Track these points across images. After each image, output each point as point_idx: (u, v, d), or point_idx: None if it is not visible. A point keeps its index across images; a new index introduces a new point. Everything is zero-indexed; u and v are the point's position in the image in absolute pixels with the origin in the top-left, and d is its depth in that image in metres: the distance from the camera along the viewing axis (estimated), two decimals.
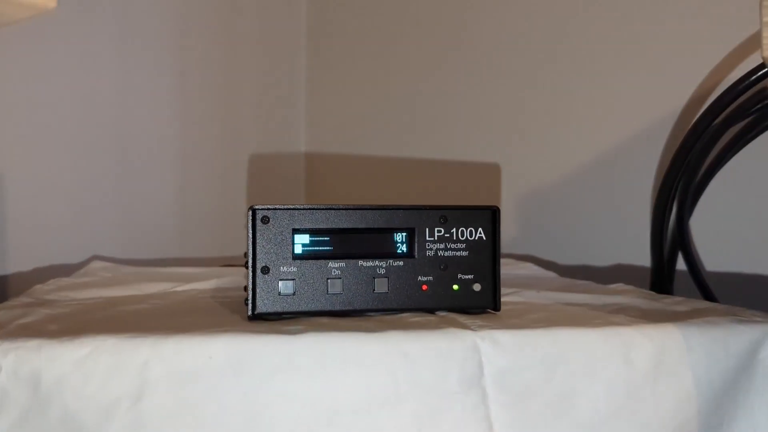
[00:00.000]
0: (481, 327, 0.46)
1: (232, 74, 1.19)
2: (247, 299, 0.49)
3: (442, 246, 0.52)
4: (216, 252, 1.15)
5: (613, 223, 0.92)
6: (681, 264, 0.80)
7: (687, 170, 0.73)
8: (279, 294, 0.49)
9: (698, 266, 0.79)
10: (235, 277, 0.75)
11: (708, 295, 0.77)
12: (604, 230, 0.93)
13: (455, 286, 0.51)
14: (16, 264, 0.84)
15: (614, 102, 0.92)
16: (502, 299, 0.54)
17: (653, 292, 0.66)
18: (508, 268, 0.83)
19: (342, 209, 0.51)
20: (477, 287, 0.52)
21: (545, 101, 1.00)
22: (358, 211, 0.51)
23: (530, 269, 0.86)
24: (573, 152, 0.96)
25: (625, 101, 0.90)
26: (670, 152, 0.80)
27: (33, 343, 0.41)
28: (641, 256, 0.85)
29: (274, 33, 1.28)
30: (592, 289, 0.67)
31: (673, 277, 0.81)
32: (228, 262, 1.05)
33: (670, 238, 0.80)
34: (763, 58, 0.36)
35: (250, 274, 0.49)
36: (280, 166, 1.29)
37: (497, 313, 0.52)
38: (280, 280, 0.49)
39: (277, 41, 1.29)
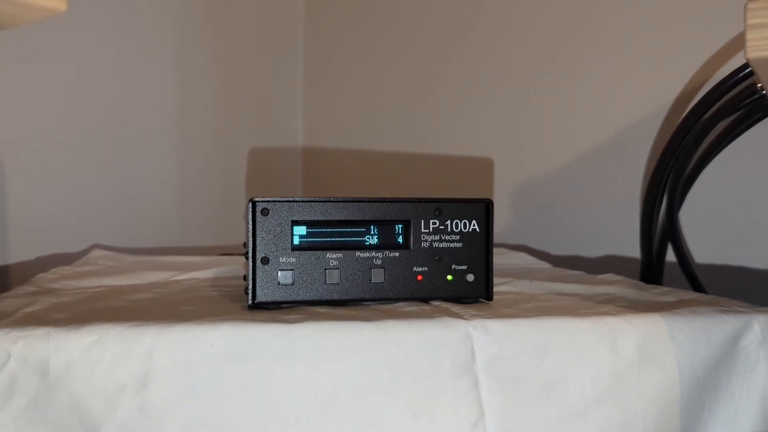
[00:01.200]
0: (474, 316, 0.47)
1: (230, 69, 1.20)
2: (247, 289, 0.50)
3: (436, 237, 0.53)
4: (214, 242, 1.16)
5: (606, 215, 0.93)
6: (671, 256, 0.81)
7: (677, 163, 0.74)
8: (278, 284, 0.50)
9: (688, 258, 0.80)
10: (234, 267, 0.77)
11: (697, 286, 0.79)
12: (597, 222, 0.94)
13: (449, 277, 0.53)
14: (19, 253, 0.86)
15: (605, 97, 0.93)
16: (496, 289, 0.56)
17: (642, 283, 0.68)
18: (502, 258, 0.84)
19: (340, 201, 0.52)
20: (470, 277, 0.53)
21: (537, 97, 1.01)
22: (355, 203, 0.52)
23: (523, 259, 0.88)
24: (565, 146, 0.97)
25: (616, 96, 0.92)
26: (659, 146, 0.82)
27: (41, 331, 0.42)
28: (633, 247, 0.87)
29: (272, 29, 1.29)
30: (583, 280, 0.69)
31: (662, 269, 0.83)
32: (225, 252, 1.06)
33: (660, 230, 0.81)
34: (746, 58, 0.38)
35: (250, 264, 0.50)
36: (278, 159, 1.31)
37: (490, 302, 0.54)
38: (280, 270, 0.50)
39: (275, 38, 1.30)
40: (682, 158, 0.74)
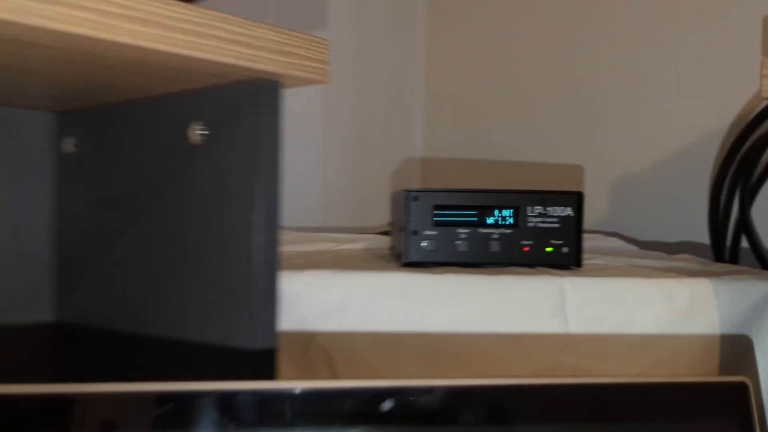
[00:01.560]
0: (566, 275, 0.66)
1: (363, 83, 1.45)
2: (399, 253, 0.71)
3: (540, 219, 0.71)
4: (349, 224, 1.40)
5: (689, 208, 1.08)
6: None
7: (746, 165, 0.88)
8: (423, 249, 0.71)
9: (760, 245, 0.94)
10: (377, 242, 0.98)
11: None
12: (684, 215, 1.09)
13: (549, 249, 0.71)
14: None
15: (680, 110, 1.08)
16: (586, 262, 0.73)
17: (708, 261, 0.83)
18: (597, 241, 1.01)
19: (469, 192, 0.72)
20: (565, 250, 0.71)
21: (624, 108, 1.17)
22: (480, 193, 0.72)
23: (615, 242, 1.03)
24: (646, 151, 1.13)
25: (689, 108, 1.07)
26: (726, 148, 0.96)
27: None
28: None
29: (397, 64, 1.53)
30: (660, 257, 0.85)
31: (737, 254, 0.97)
32: (362, 232, 1.29)
33: (734, 222, 0.95)
34: (763, 98, 0.54)
35: (405, 234, 0.71)
36: (401, 166, 1.54)
37: (579, 268, 0.72)
38: (425, 239, 0.71)
39: (400, 69, 1.54)
40: (750, 158, 0.87)
